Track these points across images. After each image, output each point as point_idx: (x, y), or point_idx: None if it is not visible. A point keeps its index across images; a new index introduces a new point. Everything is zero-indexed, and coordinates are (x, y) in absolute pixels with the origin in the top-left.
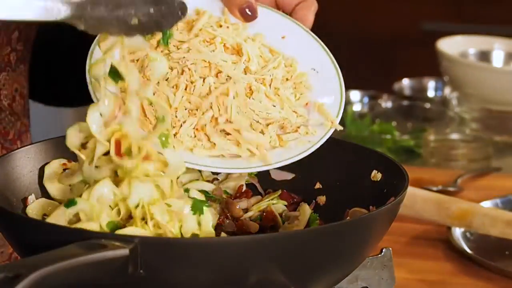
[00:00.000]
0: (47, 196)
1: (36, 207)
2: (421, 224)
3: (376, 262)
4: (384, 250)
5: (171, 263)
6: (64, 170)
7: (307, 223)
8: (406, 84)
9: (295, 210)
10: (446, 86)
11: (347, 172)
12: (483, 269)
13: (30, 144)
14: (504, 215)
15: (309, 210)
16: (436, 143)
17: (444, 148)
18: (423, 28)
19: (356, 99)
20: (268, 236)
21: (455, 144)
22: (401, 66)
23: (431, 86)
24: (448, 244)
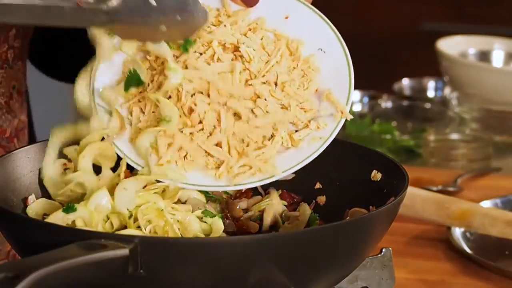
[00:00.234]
0: (47, 196)
1: (36, 207)
2: (421, 224)
3: (376, 262)
4: (384, 250)
5: (171, 263)
6: (64, 170)
7: (307, 223)
8: (406, 84)
9: (295, 210)
10: (446, 86)
11: (347, 172)
12: (483, 269)
13: (30, 144)
14: (504, 215)
15: (309, 210)
16: (436, 143)
17: (444, 148)
18: (423, 28)
19: (356, 99)
20: (268, 236)
21: (455, 144)
22: (401, 66)
23: (431, 86)
24: (448, 244)
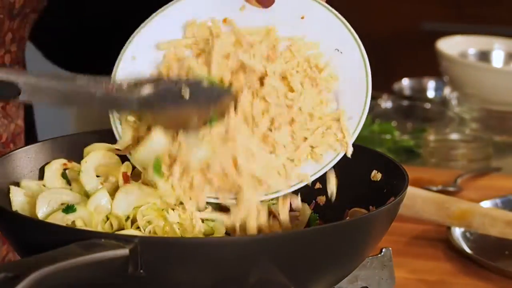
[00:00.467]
0: None
1: None
2: (421, 224)
3: (376, 262)
4: (384, 250)
5: (171, 263)
6: (65, 170)
7: (307, 223)
8: (406, 84)
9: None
10: (446, 86)
11: (347, 172)
12: (483, 269)
13: (30, 144)
14: (504, 215)
15: (309, 210)
16: (436, 143)
17: (444, 148)
18: (423, 28)
19: None
20: (268, 236)
21: (455, 144)
22: (401, 66)
23: (431, 86)
24: (448, 244)
